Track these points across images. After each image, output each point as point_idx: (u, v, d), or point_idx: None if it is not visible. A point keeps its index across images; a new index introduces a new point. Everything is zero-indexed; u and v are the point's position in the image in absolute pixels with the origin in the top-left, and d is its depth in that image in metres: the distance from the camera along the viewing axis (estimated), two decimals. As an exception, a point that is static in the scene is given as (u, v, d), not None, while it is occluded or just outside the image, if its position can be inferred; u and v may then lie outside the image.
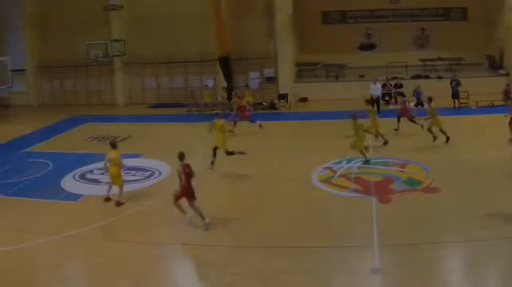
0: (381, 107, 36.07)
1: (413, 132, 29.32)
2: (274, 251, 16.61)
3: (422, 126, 28.64)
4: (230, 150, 25.00)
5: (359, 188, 21.73)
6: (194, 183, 18.29)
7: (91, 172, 25.55)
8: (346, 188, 21.89)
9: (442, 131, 26.97)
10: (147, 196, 22.20)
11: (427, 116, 27.34)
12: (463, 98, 35.48)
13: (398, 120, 30.50)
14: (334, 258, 15.89)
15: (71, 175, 25.28)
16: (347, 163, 25.02)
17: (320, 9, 47.86)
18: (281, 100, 40.62)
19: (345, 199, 20.73)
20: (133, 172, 25.42)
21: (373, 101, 35.28)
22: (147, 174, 25.43)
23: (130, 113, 43.41)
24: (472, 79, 38.17)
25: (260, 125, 32.38)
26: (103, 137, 32.56)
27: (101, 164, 22.76)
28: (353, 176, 23.31)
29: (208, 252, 16.92)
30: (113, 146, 21.84)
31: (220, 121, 25.34)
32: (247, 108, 33.07)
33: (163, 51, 45.04)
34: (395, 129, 30.17)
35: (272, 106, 40.05)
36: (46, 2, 46.88)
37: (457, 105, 35.25)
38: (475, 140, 27.34)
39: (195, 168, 18.49)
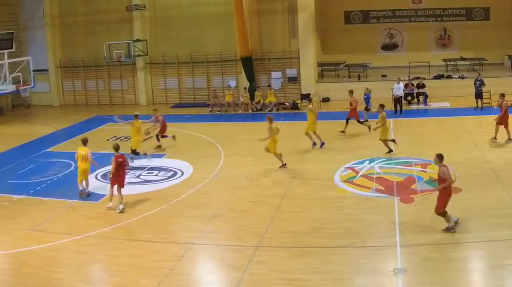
0: (404, 107, 35.82)
1: (435, 132, 29.24)
2: (297, 251, 16.61)
3: (368, 127, 29.99)
4: (136, 148, 27.42)
5: (381, 188, 21.65)
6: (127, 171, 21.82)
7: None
8: (368, 188, 21.81)
9: (385, 142, 26.46)
10: (169, 196, 22.22)
11: (377, 121, 26.72)
12: (485, 98, 35.22)
13: (347, 122, 30.44)
14: (356, 258, 15.86)
15: (93, 175, 25.31)
16: (369, 163, 24.94)
17: (342, 9, 47.84)
18: (304, 100, 40.52)
19: (367, 199, 20.65)
20: (155, 172, 25.53)
21: (395, 101, 35.31)
22: (169, 174, 25.51)
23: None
24: (494, 79, 37.86)
25: (159, 146, 30.33)
26: (125, 137, 32.65)
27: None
28: (375, 176, 23.22)
29: (230, 252, 16.93)
30: (84, 142, 22.84)
31: (138, 123, 27.18)
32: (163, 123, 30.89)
33: (185, 51, 45.14)
34: (342, 131, 30.25)
35: (295, 106, 39.98)
36: (68, 2, 47.20)
37: (480, 105, 34.98)
38: (497, 140, 27.05)
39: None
